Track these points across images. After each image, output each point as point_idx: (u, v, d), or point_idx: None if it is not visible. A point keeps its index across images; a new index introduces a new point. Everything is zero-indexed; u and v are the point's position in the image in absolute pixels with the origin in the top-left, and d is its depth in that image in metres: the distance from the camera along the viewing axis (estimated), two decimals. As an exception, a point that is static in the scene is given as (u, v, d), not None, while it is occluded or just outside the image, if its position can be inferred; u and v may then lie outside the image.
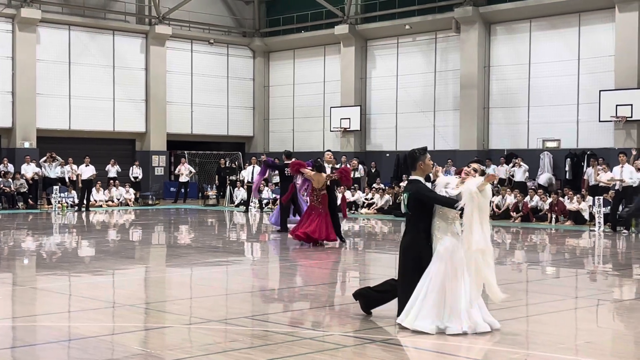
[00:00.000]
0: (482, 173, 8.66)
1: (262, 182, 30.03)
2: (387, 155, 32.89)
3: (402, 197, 8.84)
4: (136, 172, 32.93)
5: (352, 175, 18.10)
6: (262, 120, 37.98)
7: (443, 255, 8.16)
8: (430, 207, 8.39)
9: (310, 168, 17.31)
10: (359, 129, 33.37)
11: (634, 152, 23.70)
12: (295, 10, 36.18)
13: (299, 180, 18.87)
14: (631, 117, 25.74)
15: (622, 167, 21.26)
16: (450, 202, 8.21)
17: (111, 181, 31.50)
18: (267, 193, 30.66)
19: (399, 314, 8.27)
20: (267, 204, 29.97)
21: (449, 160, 28.87)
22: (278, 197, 22.76)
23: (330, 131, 34.24)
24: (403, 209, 8.75)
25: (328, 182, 16.97)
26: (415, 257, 8.33)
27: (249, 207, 28.75)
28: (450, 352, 7.32)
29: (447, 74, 31.35)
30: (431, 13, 31.39)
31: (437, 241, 8.29)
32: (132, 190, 31.85)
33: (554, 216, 23.72)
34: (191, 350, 7.31)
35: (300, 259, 15.42)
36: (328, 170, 17.62)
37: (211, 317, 8.99)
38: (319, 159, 17.91)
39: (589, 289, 11.99)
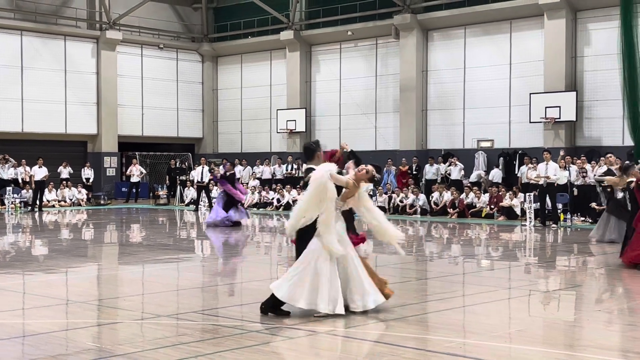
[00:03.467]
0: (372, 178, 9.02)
1: (212, 181, 29.99)
2: (331, 155, 32.86)
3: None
4: (88, 173, 32.45)
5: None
6: (211, 122, 37.77)
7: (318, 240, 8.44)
8: None
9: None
10: (304, 130, 33.38)
11: (561, 153, 24.13)
12: (242, 17, 36.06)
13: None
14: (559, 118, 26.22)
15: (547, 164, 21.63)
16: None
17: (63, 182, 31.02)
18: (216, 192, 30.45)
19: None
20: (216, 202, 29.78)
21: (389, 160, 29.10)
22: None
23: (277, 132, 34.19)
24: None
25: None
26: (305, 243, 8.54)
27: (199, 206, 28.58)
28: (389, 342, 7.36)
29: (387, 78, 31.54)
30: (372, 20, 31.57)
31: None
32: (84, 191, 31.40)
33: (491, 209, 24.14)
34: (142, 345, 7.24)
35: (248, 255, 15.38)
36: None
37: (161, 312, 8.91)
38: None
39: (520, 280, 12.18)
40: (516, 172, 26.34)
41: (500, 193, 24.42)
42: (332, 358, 6.76)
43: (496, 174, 27.21)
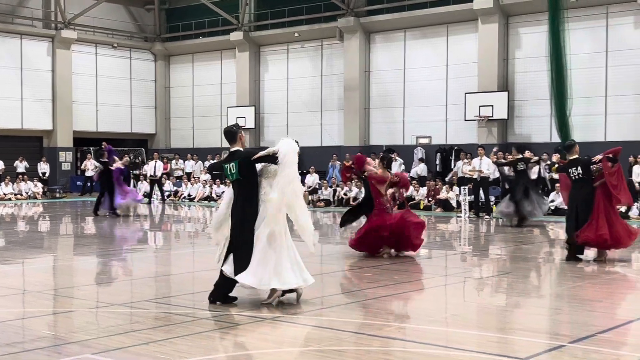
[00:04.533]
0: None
1: (165, 175, 29.79)
2: (279, 150, 32.85)
3: (227, 167, 8.46)
4: (43, 167, 31.88)
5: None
6: (163, 118, 37.38)
7: (269, 220, 8.17)
8: (257, 171, 8.38)
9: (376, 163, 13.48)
10: (253, 127, 33.27)
11: (494, 149, 24.46)
12: (194, 18, 35.74)
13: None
14: (492, 116, 26.60)
15: (480, 159, 21.95)
16: (272, 158, 8.22)
17: (19, 176, 30.39)
18: (168, 185, 30.24)
19: (237, 272, 8.20)
20: (168, 195, 29.54)
21: (334, 155, 29.16)
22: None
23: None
24: (232, 177, 8.47)
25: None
26: (252, 227, 8.25)
27: (152, 199, 28.27)
28: (332, 327, 7.38)
29: (332, 78, 31.60)
30: (317, 22, 31.58)
31: (264, 205, 8.28)
32: (40, 184, 30.83)
33: (429, 201, 24.41)
34: (96, 332, 7.12)
35: (198, 246, 15.27)
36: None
37: (115, 301, 8.78)
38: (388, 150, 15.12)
39: (456, 268, 12.32)
40: (452, 167, 26.64)
41: (437, 186, 24.68)
42: (279, 343, 6.75)
43: (422, 169, 27.61)
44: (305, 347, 6.55)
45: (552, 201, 22.14)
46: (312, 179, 28.11)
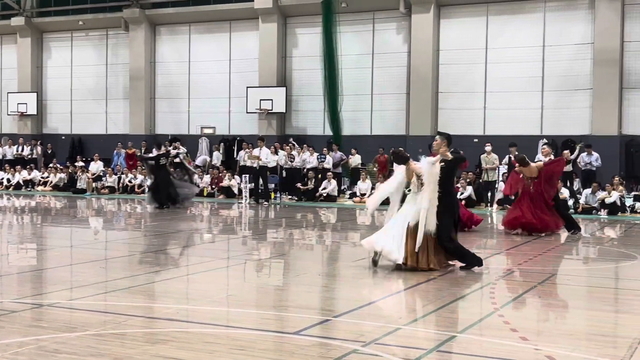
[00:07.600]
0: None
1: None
2: (63, 138, 31.27)
3: None
4: None
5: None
6: (-63, 102, 34.08)
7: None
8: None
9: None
10: (35, 113, 31.30)
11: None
12: (-29, 0, 32.89)
13: None
14: (271, 109, 27.04)
15: (260, 149, 22.29)
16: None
17: None
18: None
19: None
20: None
21: (119, 144, 28.25)
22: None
23: (8, 115, 31.75)
24: None
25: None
26: None
27: None
28: (113, 311, 7.10)
29: (117, 67, 30.50)
30: (102, 12, 30.36)
31: None
32: None
33: (212, 188, 24.35)
34: None
35: (-25, 234, 14.09)
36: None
37: None
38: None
39: (237, 251, 12.37)
40: (235, 157, 26.76)
41: (220, 174, 24.67)
42: (56, 329, 6.36)
43: (203, 160, 27.63)
44: (84, 332, 6.23)
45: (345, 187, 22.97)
46: (97, 166, 27.01)
